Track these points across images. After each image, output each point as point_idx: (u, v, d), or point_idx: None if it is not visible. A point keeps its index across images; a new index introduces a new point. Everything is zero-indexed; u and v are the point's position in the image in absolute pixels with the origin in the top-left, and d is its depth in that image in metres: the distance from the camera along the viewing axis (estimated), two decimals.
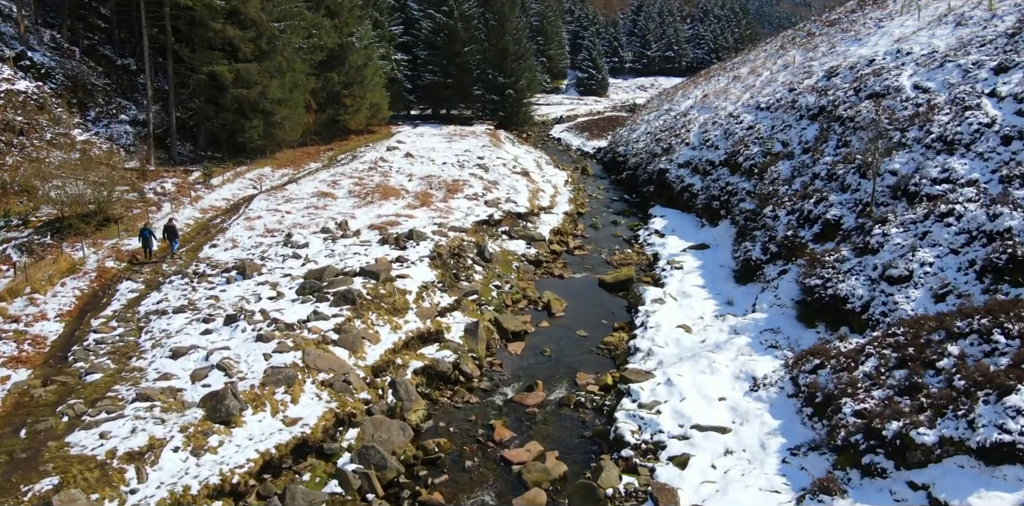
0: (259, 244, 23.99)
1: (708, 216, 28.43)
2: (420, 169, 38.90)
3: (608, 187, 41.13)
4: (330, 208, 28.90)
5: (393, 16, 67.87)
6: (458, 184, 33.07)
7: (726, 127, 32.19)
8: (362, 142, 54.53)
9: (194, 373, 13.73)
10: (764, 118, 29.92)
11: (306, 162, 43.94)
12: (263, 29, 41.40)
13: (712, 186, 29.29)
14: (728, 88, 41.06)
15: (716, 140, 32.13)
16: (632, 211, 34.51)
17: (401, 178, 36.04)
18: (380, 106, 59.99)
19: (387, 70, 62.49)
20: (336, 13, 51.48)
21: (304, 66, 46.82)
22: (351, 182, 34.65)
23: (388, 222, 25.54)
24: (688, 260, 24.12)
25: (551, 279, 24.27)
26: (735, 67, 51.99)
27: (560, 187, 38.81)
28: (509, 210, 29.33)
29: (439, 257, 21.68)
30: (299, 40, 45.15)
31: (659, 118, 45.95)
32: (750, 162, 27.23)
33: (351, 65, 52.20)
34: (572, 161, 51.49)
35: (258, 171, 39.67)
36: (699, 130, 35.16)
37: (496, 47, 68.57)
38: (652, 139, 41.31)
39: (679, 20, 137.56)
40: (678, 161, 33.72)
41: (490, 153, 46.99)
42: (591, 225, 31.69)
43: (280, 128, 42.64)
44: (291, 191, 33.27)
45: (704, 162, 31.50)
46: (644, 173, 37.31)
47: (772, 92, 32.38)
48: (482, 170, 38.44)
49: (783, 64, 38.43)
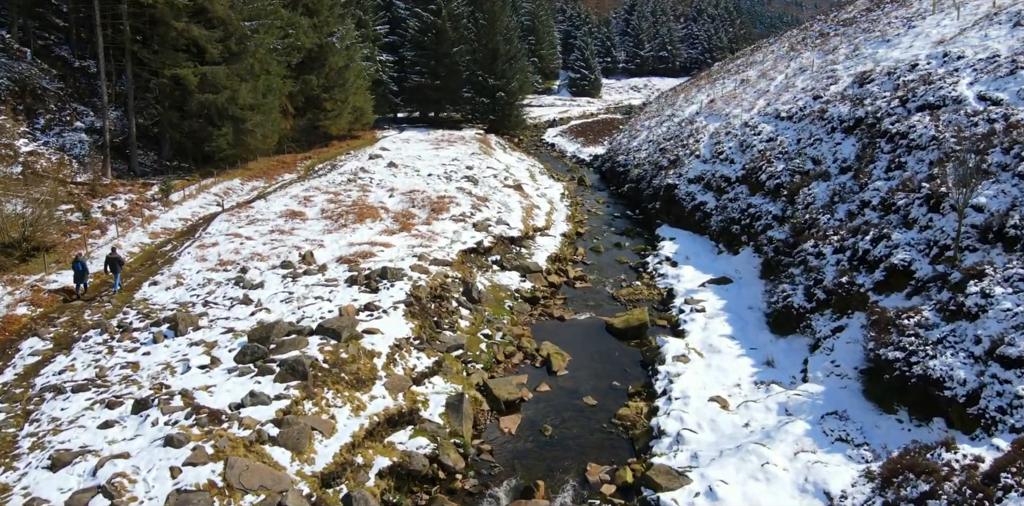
0: (207, 281, 20.12)
1: (726, 241, 24.74)
2: (403, 182, 35.06)
3: (608, 201, 37.29)
4: (297, 233, 25.03)
5: (378, 15, 63.67)
6: (444, 201, 29.25)
7: (742, 138, 28.48)
8: (344, 149, 50.52)
9: (71, 499, 9.90)
10: (787, 129, 26.24)
11: (280, 173, 40.00)
12: (232, 29, 37.32)
13: (730, 207, 25.58)
14: (737, 93, 37.36)
15: (731, 153, 28.42)
16: (637, 231, 30.72)
17: (381, 193, 32.19)
18: (364, 110, 55.94)
19: (371, 72, 58.41)
20: (315, 11, 47.42)
21: (280, 68, 42.80)
22: (325, 198, 30.78)
23: (361, 253, 21.69)
24: (709, 298, 20.38)
25: (550, 322, 20.44)
26: (740, 69, 48.29)
27: (556, 202, 35.02)
28: (500, 234, 25.51)
29: (417, 302, 17.86)
30: (273, 40, 41.13)
31: (662, 125, 42.12)
32: (775, 181, 23.51)
33: (331, 67, 48.19)
34: (567, 170, 47.65)
35: (226, 184, 35.72)
36: (710, 141, 31.43)
37: (486, 47, 64.43)
38: (655, 148, 37.55)
39: (673, 19, 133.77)
40: (688, 175, 29.95)
41: (480, 162, 43.17)
42: (592, 249, 27.88)
43: (252, 136, 38.66)
44: (257, 209, 29.38)
45: (718, 178, 27.76)
46: (649, 187, 33.49)
47: (792, 99, 28.72)
48: (471, 183, 34.63)
49: (798, 67, 34.76)
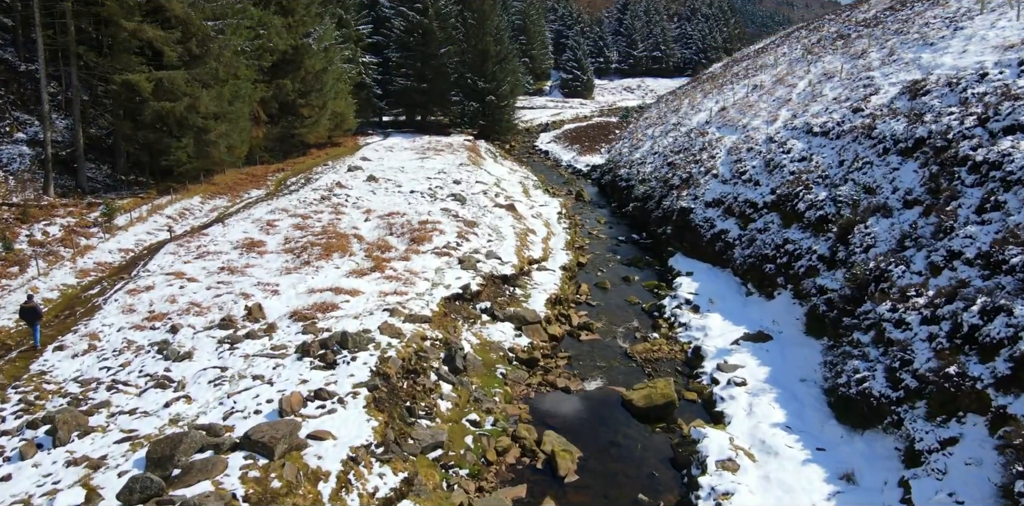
0: (126, 346, 15.95)
1: (756, 281, 20.71)
2: (382, 201, 30.87)
3: (610, 221, 33.10)
4: (251, 272, 20.81)
5: (361, 14, 59.23)
6: (426, 228, 25.09)
7: (768, 156, 24.44)
8: (322, 158, 46.22)
9: None
10: (823, 147, 22.22)
11: (248, 188, 35.70)
12: (194, 29, 32.93)
13: (759, 239, 21.54)
14: (752, 101, 33.31)
15: (755, 173, 24.37)
16: (646, 260, 26.56)
17: (356, 216, 28.00)
18: (345, 115, 51.62)
19: (353, 74, 54.09)
20: (290, 10, 43.02)
21: (250, 72, 38.42)
22: (292, 223, 26.56)
23: (321, 305, 17.52)
24: (747, 363, 16.35)
25: (553, 393, 16.31)
26: (749, 73, 44.25)
27: (553, 223, 30.90)
28: (491, 272, 21.36)
29: (385, 382, 13.74)
30: (242, 42, 36.72)
31: (667, 134, 38.03)
32: (816, 212, 19.46)
33: (308, 70, 43.84)
34: (563, 182, 43.46)
35: (184, 203, 31.39)
36: (728, 157, 27.38)
37: (476, 48, 60.16)
38: (662, 162, 33.47)
39: (666, 19, 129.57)
40: (704, 198, 25.87)
41: (468, 174, 39.01)
42: (598, 285, 23.76)
43: (216, 147, 34.29)
44: (212, 237, 25.12)
45: (742, 203, 23.71)
46: (658, 208, 29.37)
47: (824, 111, 24.70)
48: (457, 203, 30.47)
49: (822, 73, 30.74)
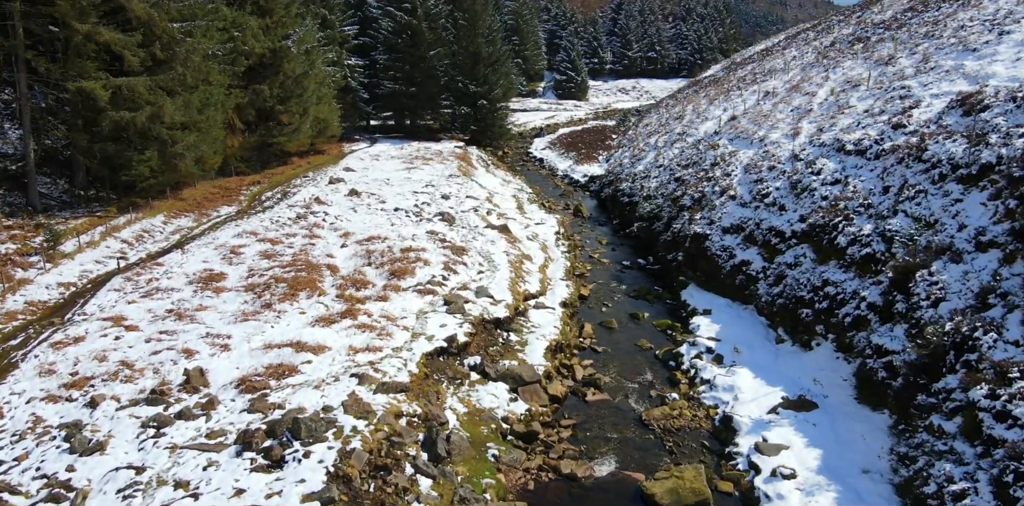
0: (30, 427, 12.82)
1: (788, 325, 17.72)
2: (362, 221, 27.76)
3: (612, 241, 29.93)
4: (201, 318, 17.69)
5: (346, 14, 55.98)
6: (408, 258, 22.00)
7: (794, 177, 21.40)
8: (303, 168, 43.04)
9: None
10: (860, 169, 19.21)
11: (219, 204, 32.52)
12: (158, 31, 29.80)
13: (789, 276, 18.56)
14: (766, 110, 30.29)
15: (779, 196, 21.35)
16: (655, 290, 23.42)
17: (333, 240, 24.90)
18: (328, 122, 48.41)
19: (337, 78, 50.91)
20: (268, 11, 39.77)
21: (223, 77, 35.15)
22: (259, 250, 23.42)
23: (275, 369, 14.42)
24: (792, 442, 13.35)
25: (556, 483, 13.19)
26: (757, 78, 41.26)
27: (550, 246, 27.85)
28: (481, 314, 18.27)
29: (346, 488, 10.70)
30: (213, 45, 33.48)
31: (672, 145, 34.93)
32: (862, 249, 16.47)
33: (287, 74, 40.62)
34: (560, 194, 40.33)
35: (144, 224, 28.21)
36: (745, 175, 24.33)
37: (467, 50, 56.95)
38: (669, 177, 30.41)
39: (661, 19, 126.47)
40: (721, 223, 22.82)
41: (458, 187, 35.93)
42: (602, 324, 20.68)
43: (183, 160, 31.17)
44: (167, 268, 21.96)
45: (766, 230, 20.69)
46: (667, 231, 26.27)
47: (855, 125, 21.70)
48: (445, 223, 27.40)
49: (844, 80, 27.77)
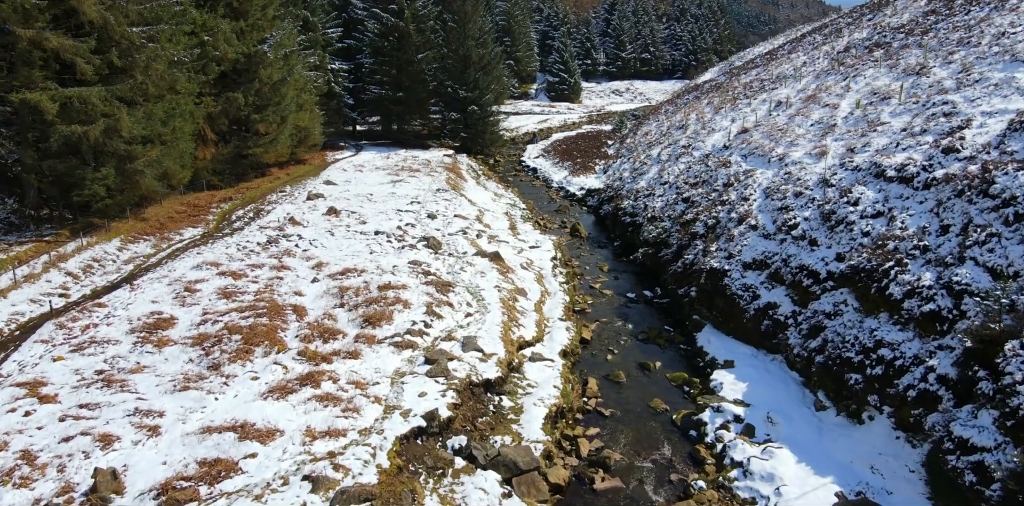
0: None
1: (829, 387, 14.97)
2: (338, 248, 24.97)
3: (615, 268, 27.03)
4: (134, 384, 14.86)
5: (329, 16, 53.09)
6: (387, 298, 19.22)
7: (825, 206, 18.67)
8: (281, 181, 40.18)
9: None
10: (907, 201, 16.47)
11: (183, 225, 29.63)
12: (116, 36, 26.93)
13: (829, 329, 15.76)
14: (781, 123, 27.64)
15: (810, 228, 18.60)
16: (666, 332, 20.45)
17: (303, 272, 22.09)
18: (310, 130, 45.51)
19: (319, 83, 48.01)
20: (242, 13, 36.83)
21: (191, 85, 32.27)
22: (218, 286, 20.58)
23: (210, 467, 11.58)
24: None
25: None
26: (765, 85, 38.64)
27: (547, 275, 25.11)
28: (469, 376, 15.51)
29: None
30: (180, 51, 30.60)
31: (677, 159, 32.18)
32: (924, 305, 13.56)
33: (263, 81, 37.71)
34: (556, 209, 37.54)
35: (96, 250, 25.31)
36: (767, 201, 21.62)
37: (456, 53, 54.16)
38: (676, 197, 27.68)
39: (655, 19, 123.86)
40: (741, 257, 20.07)
41: (446, 204, 33.17)
42: (608, 377, 17.84)
43: (145, 176, 28.31)
44: (110, 310, 19.12)
45: (795, 269, 17.95)
46: (677, 261, 23.45)
47: (894, 146, 19.04)
48: (431, 251, 24.66)
49: (870, 92, 25.15)
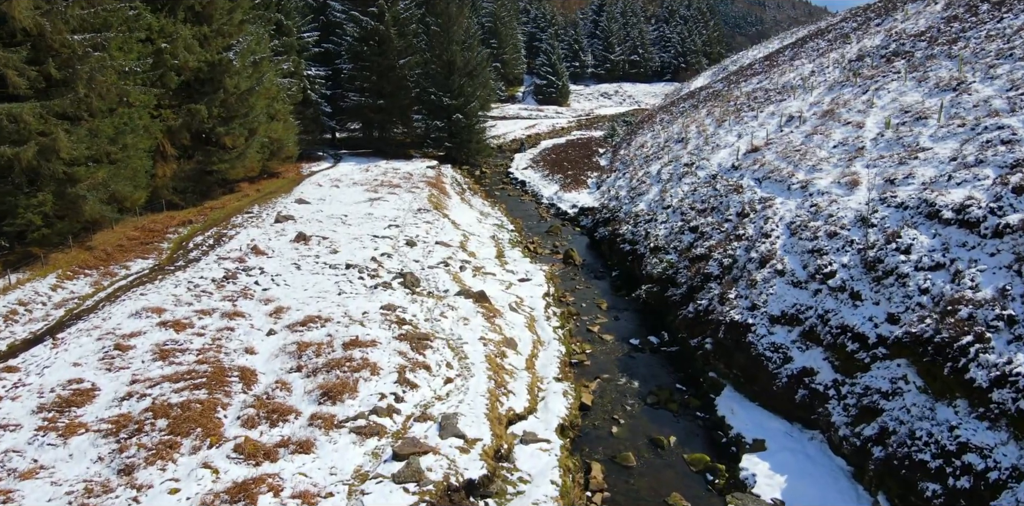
0: None
1: (893, 490, 11.91)
2: (303, 287, 21.86)
3: (614, 305, 23.81)
4: (17, 499, 11.86)
5: (305, 19, 49.74)
6: (352, 361, 16.14)
7: (868, 252, 15.60)
8: (251, 199, 36.94)
9: None
10: (973, 251, 13.48)
11: (133, 256, 26.37)
12: (56, 45, 23.72)
13: (889, 415, 12.63)
14: (797, 142, 24.79)
15: (850, 278, 15.49)
16: (679, 395, 16.99)
17: (259, 320, 18.96)
18: (283, 142, 42.28)
19: (294, 91, 44.75)
20: (206, 18, 33.56)
21: (147, 97, 29.04)
22: (156, 342, 17.40)
23: None
24: None
25: None
26: (771, 96, 35.84)
27: (539, 318, 22.10)
28: (447, 478, 12.51)
29: None
30: (131, 61, 27.37)
31: (680, 179, 29.10)
32: (1019, 399, 10.92)
33: (229, 91, 34.46)
34: (547, 230, 34.49)
35: (26, 290, 22.04)
36: (792, 239, 18.67)
37: (440, 58, 50.98)
38: (682, 224, 24.72)
39: (644, 21, 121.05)
40: (768, 308, 16.95)
41: (427, 228, 30.13)
42: (615, 460, 14.59)
43: (88, 202, 25.10)
44: (21, 374, 15.81)
45: (838, 330, 14.83)
46: (687, 306, 20.33)
47: (944, 179, 16.17)
48: (407, 291, 21.62)
49: (900, 109, 22.37)
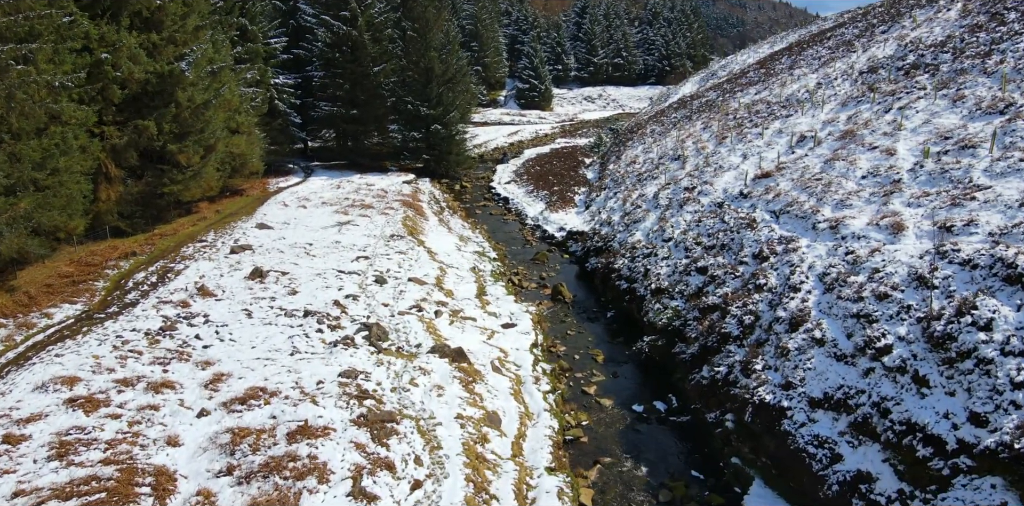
0: None
1: None
2: (250, 345, 18.55)
3: (611, 355, 20.62)
4: None
5: (272, 24, 46.17)
6: (297, 460, 12.89)
7: (934, 324, 12.44)
8: (208, 222, 33.45)
9: None
10: None
11: (60, 299, 22.86)
12: None
13: None
14: (815, 168, 21.94)
15: (911, 356, 12.20)
16: (697, 489, 13.90)
17: (190, 396, 15.58)
18: (247, 157, 38.78)
19: (259, 102, 41.29)
20: (155, 24, 30.03)
21: (84, 114, 25.62)
22: (57, 432, 13.92)
23: None
24: None
25: None
26: (774, 110, 33.02)
27: (526, 381, 18.96)
28: None
29: None
30: (66, 73, 23.94)
31: (681, 206, 25.93)
32: None
33: (182, 105, 30.98)
34: (532, 257, 31.25)
35: None
36: (828, 296, 15.56)
37: (417, 66, 47.65)
38: (687, 263, 21.66)
39: (627, 23, 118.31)
40: (806, 388, 13.83)
41: (400, 259, 26.98)
42: None
43: (5, 240, 21.62)
44: None
45: (901, 426, 11.64)
46: (702, 369, 17.14)
47: (1018, 229, 13.45)
48: (373, 350, 18.43)
49: (936, 134, 19.64)
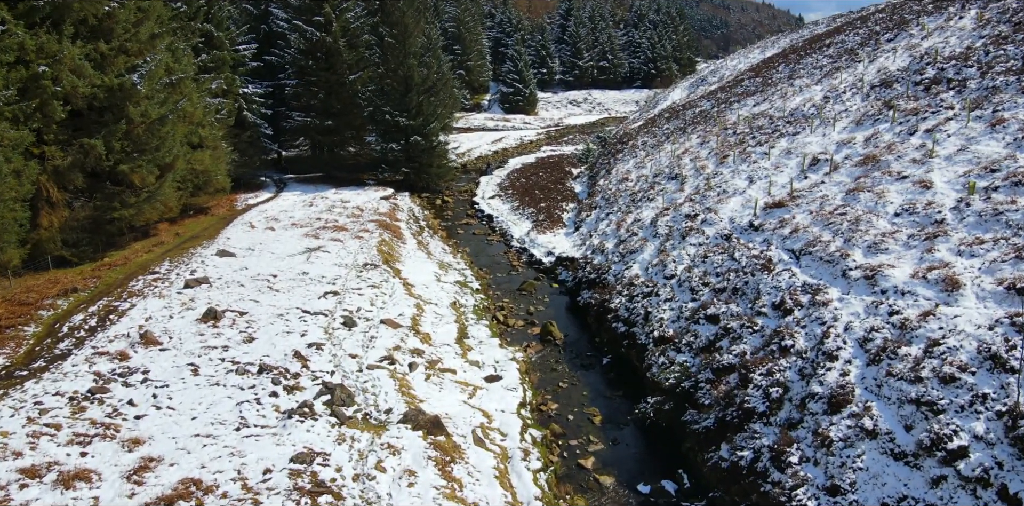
0: None
1: None
2: (190, 415, 15.71)
3: (608, 416, 17.95)
4: None
5: (240, 30, 43.19)
6: None
7: (1017, 421, 10.34)
8: (164, 248, 30.53)
9: None
10: None
11: None
12: None
13: None
14: (834, 198, 19.58)
15: (995, 465, 9.83)
16: None
17: (108, 491, 12.83)
18: (212, 173, 35.93)
19: (225, 113, 38.40)
20: (104, 33, 27.11)
21: (21, 133, 22.81)
22: None
23: None
24: None
25: None
26: (778, 125, 30.71)
27: (514, 456, 16.22)
28: None
29: None
30: None
31: (683, 237, 23.22)
32: None
33: (134, 120, 28.06)
34: (519, 287, 28.60)
35: None
36: (874, 369, 13.08)
37: (396, 74, 44.82)
38: (694, 306, 19.14)
39: (612, 26, 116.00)
40: (858, 496, 11.18)
41: (373, 294, 24.35)
42: None
43: None
44: None
45: None
46: (720, 447, 14.34)
47: None
48: (334, 420, 15.71)
49: (976, 164, 17.47)
